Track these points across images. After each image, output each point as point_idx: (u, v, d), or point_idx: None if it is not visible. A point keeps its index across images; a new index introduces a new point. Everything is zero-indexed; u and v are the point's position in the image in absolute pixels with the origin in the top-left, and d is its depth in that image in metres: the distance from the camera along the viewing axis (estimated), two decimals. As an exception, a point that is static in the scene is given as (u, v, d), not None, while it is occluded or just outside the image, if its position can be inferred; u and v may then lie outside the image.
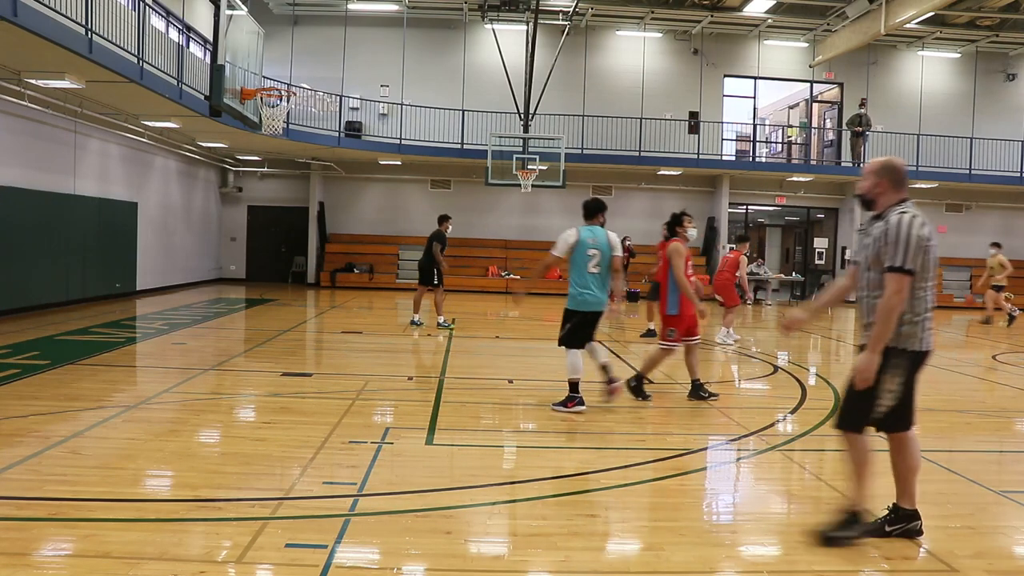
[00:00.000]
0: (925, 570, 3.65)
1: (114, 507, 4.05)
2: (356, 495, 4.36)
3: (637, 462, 5.23)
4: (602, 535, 4.00)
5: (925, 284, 3.69)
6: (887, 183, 3.82)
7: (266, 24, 15.30)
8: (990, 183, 22.14)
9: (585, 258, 6.61)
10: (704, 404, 7.24)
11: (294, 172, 22.32)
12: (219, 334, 11.54)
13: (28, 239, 12.36)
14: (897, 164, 3.86)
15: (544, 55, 20.25)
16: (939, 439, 6.41)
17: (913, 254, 3.61)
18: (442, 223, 12.79)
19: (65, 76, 10.54)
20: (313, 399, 6.95)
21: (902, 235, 3.62)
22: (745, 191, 23.11)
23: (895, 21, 17.79)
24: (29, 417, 5.79)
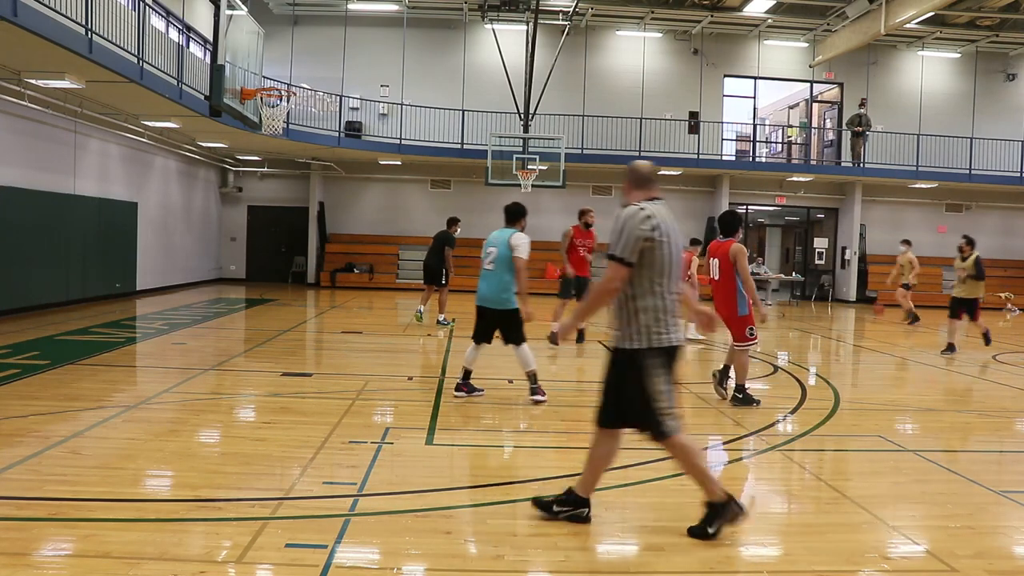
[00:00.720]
0: (925, 570, 3.65)
1: (114, 507, 4.05)
2: (356, 495, 4.36)
3: (637, 462, 5.23)
4: (602, 535, 3.99)
5: (660, 280, 3.75)
6: (629, 184, 3.97)
7: (266, 24, 15.30)
8: (990, 183, 22.13)
9: (484, 255, 7.05)
10: (703, 404, 7.23)
11: (294, 172, 22.32)
12: (219, 334, 11.54)
13: (28, 239, 12.37)
14: (638, 166, 3.98)
15: (544, 55, 20.25)
16: (939, 439, 6.42)
17: (631, 246, 3.68)
18: (451, 226, 13.01)
19: (65, 76, 10.54)
20: (313, 399, 6.95)
21: (620, 227, 3.73)
22: (745, 191, 23.10)
23: (895, 21, 17.79)
24: (29, 417, 5.79)
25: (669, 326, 3.77)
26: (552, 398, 7.12)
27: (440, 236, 12.82)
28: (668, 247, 3.74)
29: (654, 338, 3.74)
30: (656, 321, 3.75)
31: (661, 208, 3.82)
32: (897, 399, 8.13)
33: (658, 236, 3.70)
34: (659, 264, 3.73)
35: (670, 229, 3.78)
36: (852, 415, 7.04)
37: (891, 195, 23.23)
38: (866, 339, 14.31)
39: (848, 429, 6.51)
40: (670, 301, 3.79)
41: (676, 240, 3.82)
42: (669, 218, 3.82)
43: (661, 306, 3.76)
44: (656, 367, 3.74)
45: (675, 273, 3.82)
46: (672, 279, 3.80)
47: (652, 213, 3.72)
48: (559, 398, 7.42)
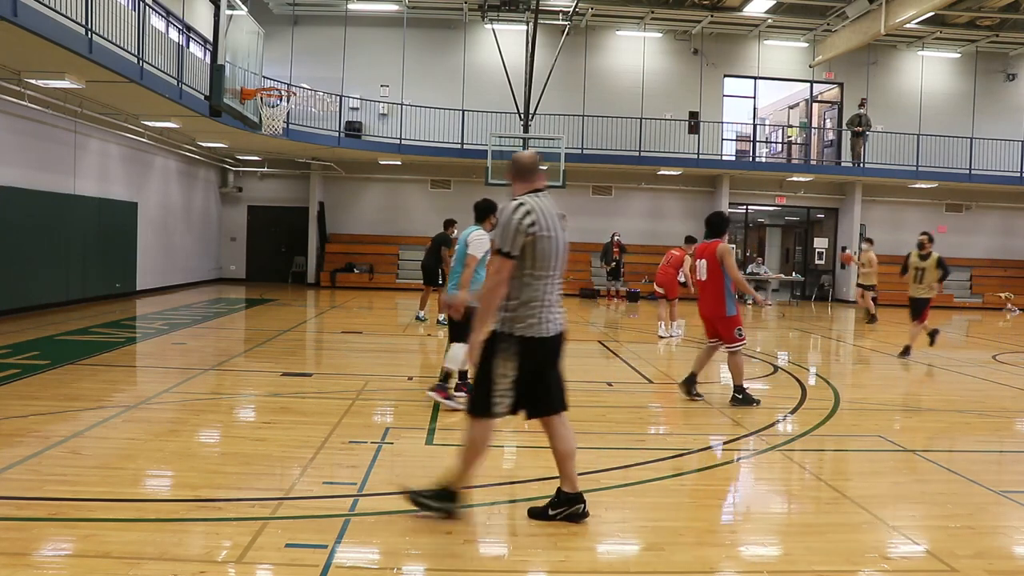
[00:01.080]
0: (925, 570, 3.65)
1: (114, 507, 4.05)
2: (356, 495, 4.36)
3: (637, 462, 5.23)
4: (602, 535, 3.99)
5: (541, 273, 3.82)
6: (511, 175, 4.03)
7: (266, 24, 15.32)
8: (990, 183, 22.13)
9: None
10: (703, 404, 7.23)
11: (294, 172, 22.32)
12: (219, 334, 11.54)
13: (28, 239, 12.37)
14: (519, 158, 4.04)
15: (544, 55, 20.26)
16: (939, 439, 6.41)
17: (512, 239, 3.75)
18: (448, 227, 13.10)
19: (65, 76, 10.54)
20: (313, 399, 6.95)
21: (503, 221, 3.82)
22: (745, 191, 23.11)
23: (895, 21, 17.80)
24: (29, 417, 5.79)
25: (541, 318, 3.83)
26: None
27: (437, 238, 13.03)
28: (550, 240, 3.82)
29: (518, 327, 3.81)
30: (528, 311, 3.81)
31: (542, 201, 3.90)
32: (897, 399, 8.13)
33: (537, 230, 3.78)
34: (539, 257, 3.80)
35: (554, 222, 3.87)
36: (852, 415, 7.04)
37: (891, 195, 23.23)
38: (866, 339, 14.31)
39: (848, 429, 6.51)
40: (548, 293, 3.86)
41: (557, 233, 3.88)
42: (551, 210, 3.90)
43: (537, 297, 3.83)
44: (509, 353, 3.81)
45: (555, 265, 3.88)
46: (552, 271, 3.87)
47: (531, 208, 3.80)
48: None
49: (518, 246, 3.76)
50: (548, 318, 3.85)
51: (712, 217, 7.53)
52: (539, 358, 3.87)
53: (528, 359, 3.83)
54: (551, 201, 3.96)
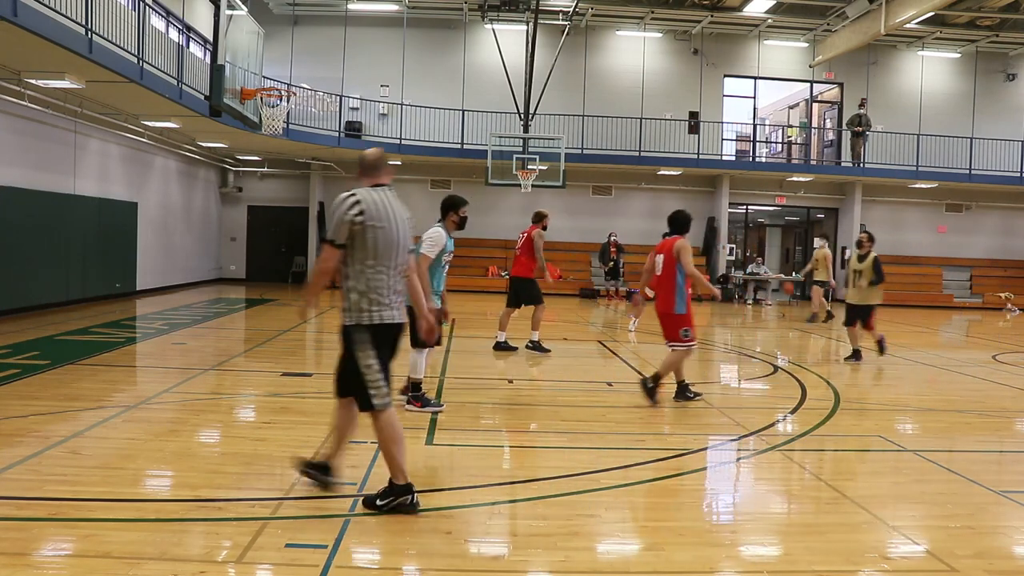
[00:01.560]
0: (925, 570, 3.65)
1: (114, 507, 4.05)
2: (356, 495, 4.36)
3: (637, 462, 5.23)
4: (602, 535, 4.00)
5: (373, 263, 3.96)
6: (359, 172, 4.20)
7: (266, 24, 15.31)
8: (990, 183, 22.14)
9: None
10: (703, 404, 7.23)
11: (294, 172, 22.32)
12: (219, 334, 11.54)
13: (28, 239, 12.37)
14: (364, 155, 4.21)
15: (544, 55, 20.25)
16: (939, 439, 6.41)
17: (337, 228, 3.92)
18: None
19: (65, 76, 10.54)
20: (313, 399, 6.94)
21: (332, 211, 4.00)
22: (745, 191, 23.11)
23: (895, 21, 17.79)
24: (29, 417, 5.79)
25: (381, 305, 3.99)
26: (552, 398, 7.12)
27: None
28: (384, 232, 3.96)
29: (364, 316, 3.96)
30: (367, 301, 3.97)
31: (381, 194, 4.05)
32: (897, 399, 8.13)
33: (367, 220, 3.92)
34: (370, 247, 3.94)
35: (388, 214, 4.00)
36: (852, 415, 7.04)
37: (891, 195, 23.23)
38: (866, 339, 14.30)
39: (848, 429, 6.51)
40: (384, 282, 4.00)
41: (395, 225, 4.03)
42: (392, 204, 4.05)
43: (373, 286, 3.97)
44: (364, 343, 3.96)
45: (391, 255, 4.02)
46: (388, 261, 4.01)
47: (361, 199, 3.94)
48: (559, 398, 7.42)
49: (343, 235, 3.92)
50: (388, 306, 4.03)
51: (676, 214, 7.35)
52: (386, 344, 4.05)
53: (381, 345, 4.02)
54: (393, 196, 4.13)
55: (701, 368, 10.07)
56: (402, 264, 4.12)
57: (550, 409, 6.83)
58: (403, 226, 4.10)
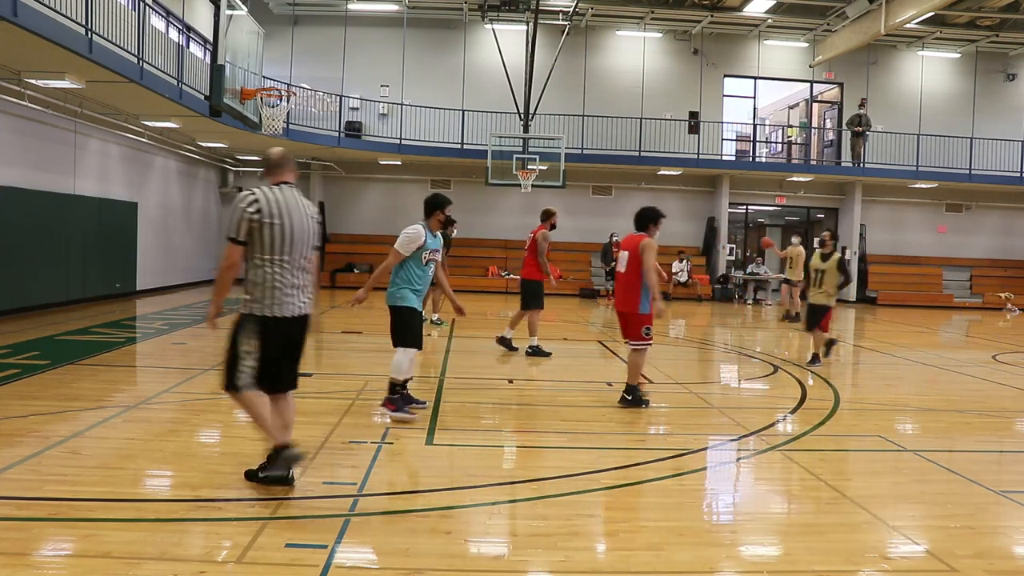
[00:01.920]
0: (925, 570, 3.65)
1: (114, 507, 4.05)
2: (356, 495, 4.36)
3: (637, 462, 5.23)
4: (602, 535, 4.00)
5: (271, 257, 4.16)
6: (264, 170, 4.41)
7: (266, 24, 15.31)
8: (990, 183, 22.14)
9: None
10: (703, 404, 7.23)
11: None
12: (219, 334, 11.50)
13: (28, 239, 12.37)
14: (268, 153, 4.40)
15: (544, 55, 20.25)
16: (939, 439, 6.42)
17: (235, 225, 4.14)
18: (448, 226, 13.01)
19: (65, 76, 10.54)
20: (313, 399, 6.94)
21: (231, 207, 4.19)
22: (745, 191, 23.11)
23: (895, 21, 17.80)
24: (29, 417, 5.79)
25: (275, 298, 4.18)
26: (552, 398, 7.12)
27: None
28: (280, 227, 4.15)
29: (254, 307, 4.19)
30: (261, 293, 4.18)
31: (279, 192, 4.23)
32: (897, 399, 8.13)
33: (264, 217, 4.11)
34: (267, 242, 4.14)
35: (287, 211, 4.18)
36: (852, 415, 7.04)
37: (891, 195, 23.24)
38: (866, 339, 14.31)
39: (848, 429, 6.51)
40: (282, 276, 4.19)
41: (293, 221, 4.20)
42: (291, 201, 4.22)
43: (268, 280, 4.17)
44: (250, 332, 4.20)
45: (288, 251, 4.19)
46: (285, 256, 4.18)
47: (258, 197, 4.15)
48: (559, 398, 7.42)
49: (243, 231, 4.14)
50: (283, 300, 4.19)
51: (643, 210, 7.16)
52: (280, 337, 4.24)
53: (267, 337, 4.20)
54: (295, 193, 4.31)
55: (701, 368, 10.08)
56: (303, 260, 4.30)
57: (550, 409, 6.83)
58: (304, 223, 4.26)
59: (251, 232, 4.14)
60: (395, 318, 6.28)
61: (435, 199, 6.41)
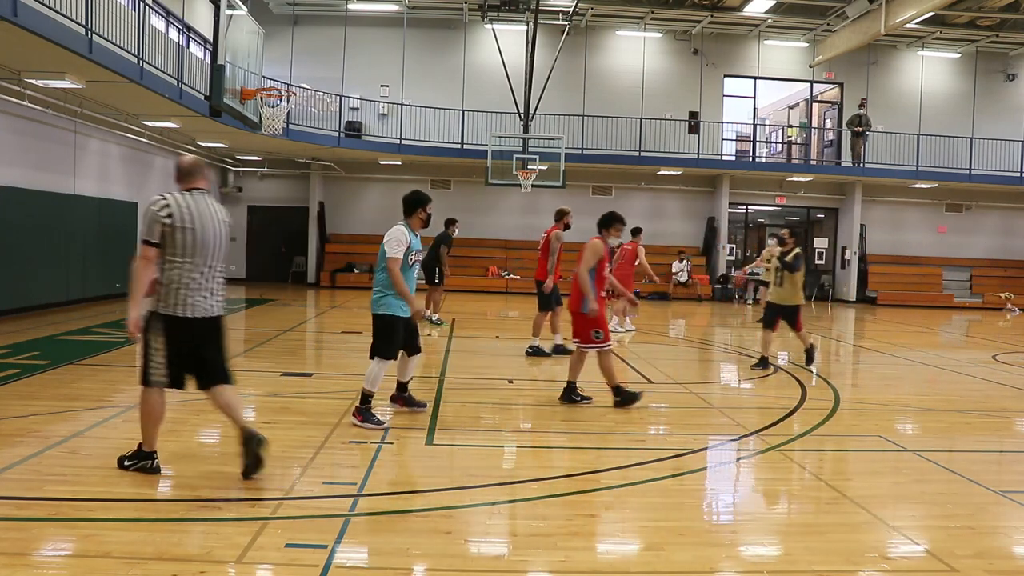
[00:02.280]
0: (925, 570, 3.65)
1: (114, 507, 4.05)
2: (356, 495, 4.36)
3: (637, 462, 5.23)
4: (602, 535, 4.00)
5: (182, 260, 4.36)
6: (175, 177, 4.60)
7: (266, 24, 15.31)
8: (990, 183, 22.14)
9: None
10: (703, 404, 7.23)
11: (294, 172, 22.32)
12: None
13: (28, 239, 12.36)
14: (178, 162, 4.63)
15: (544, 55, 20.25)
16: (939, 439, 6.42)
17: (148, 228, 4.33)
18: (449, 226, 13.09)
19: (65, 76, 10.54)
20: (313, 399, 6.95)
21: (144, 211, 4.40)
22: (745, 191, 23.11)
23: (895, 21, 17.79)
24: (29, 417, 5.79)
25: (185, 300, 4.38)
26: (552, 398, 7.11)
27: (438, 237, 12.99)
28: (191, 232, 4.36)
29: (161, 306, 4.38)
30: (171, 294, 4.37)
31: (190, 198, 4.44)
32: (897, 399, 8.13)
33: (175, 221, 4.32)
34: (177, 245, 4.34)
35: (198, 216, 4.40)
36: (852, 415, 7.04)
37: (891, 195, 23.24)
38: (866, 339, 14.31)
39: (848, 429, 6.51)
40: (189, 278, 4.38)
41: (205, 226, 4.42)
42: (202, 207, 4.44)
43: (178, 281, 4.36)
44: (158, 329, 4.39)
45: (198, 255, 4.39)
46: (195, 260, 4.39)
47: (169, 202, 4.35)
48: (559, 398, 7.41)
49: (155, 234, 4.33)
50: (192, 301, 4.39)
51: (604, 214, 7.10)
52: (187, 336, 4.42)
53: (175, 336, 4.39)
54: (208, 200, 4.53)
55: (702, 368, 10.07)
56: (215, 263, 4.50)
57: (550, 409, 6.82)
58: (215, 228, 4.49)
59: (163, 236, 4.33)
60: (378, 326, 5.98)
61: (416, 196, 6.12)
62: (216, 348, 4.60)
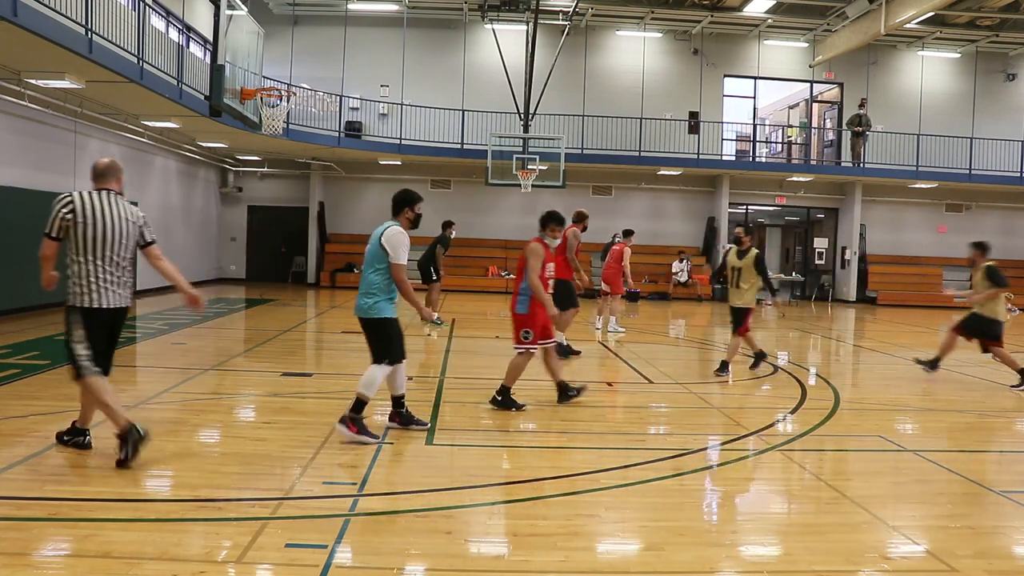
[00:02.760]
0: (925, 570, 3.65)
1: (114, 507, 4.05)
2: (356, 495, 4.36)
3: (637, 462, 5.23)
4: (602, 535, 4.00)
5: (83, 254, 4.63)
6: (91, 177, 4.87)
7: (266, 24, 15.31)
8: (990, 183, 22.13)
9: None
10: (703, 404, 7.23)
11: (294, 172, 22.31)
12: (219, 334, 11.54)
13: (28, 239, 12.29)
14: (95, 163, 4.91)
15: (544, 55, 20.25)
16: (939, 439, 6.42)
17: (51, 223, 4.61)
18: (447, 228, 13.19)
19: (65, 76, 10.54)
20: (313, 399, 6.95)
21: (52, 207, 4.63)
22: (745, 191, 23.11)
23: (895, 21, 17.79)
24: (29, 417, 5.80)
25: (91, 291, 4.65)
26: (552, 398, 7.11)
27: (437, 238, 13.18)
28: (91, 228, 4.63)
29: (73, 298, 4.66)
30: (77, 286, 4.65)
31: (99, 197, 4.73)
32: (897, 399, 8.13)
33: (77, 218, 4.60)
34: (79, 241, 4.62)
35: (101, 214, 4.67)
36: (852, 415, 7.04)
37: (891, 195, 23.23)
38: (866, 339, 14.31)
39: (848, 429, 6.51)
40: (94, 272, 4.65)
41: (107, 223, 4.68)
42: (106, 206, 4.71)
43: (83, 274, 4.64)
44: (74, 321, 4.67)
45: (101, 250, 4.66)
46: (99, 254, 4.66)
47: (74, 199, 4.65)
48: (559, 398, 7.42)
49: (56, 229, 4.61)
50: (103, 293, 4.68)
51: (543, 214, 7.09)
52: (97, 326, 4.71)
53: (91, 325, 4.68)
54: (115, 199, 4.80)
55: (702, 368, 10.07)
56: (119, 258, 4.77)
57: (550, 409, 6.82)
58: (120, 226, 4.75)
59: (66, 231, 4.62)
60: (375, 331, 5.65)
61: (408, 195, 5.90)
62: (115, 338, 4.96)
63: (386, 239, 5.70)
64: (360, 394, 5.49)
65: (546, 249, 6.92)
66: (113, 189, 4.88)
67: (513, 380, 6.72)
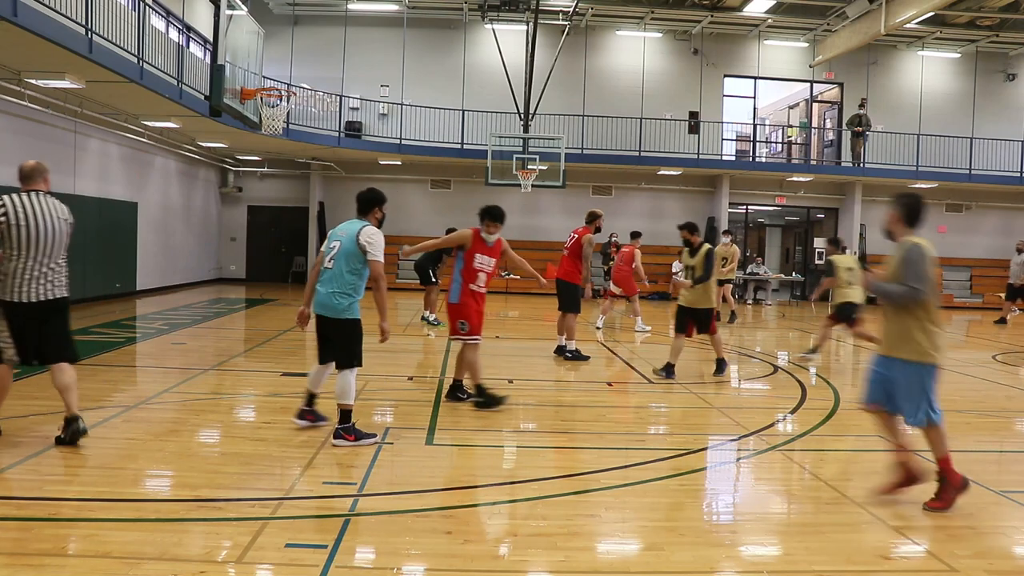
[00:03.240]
0: (925, 570, 3.65)
1: (114, 507, 4.05)
2: (356, 495, 4.36)
3: (637, 462, 5.23)
4: (602, 535, 4.00)
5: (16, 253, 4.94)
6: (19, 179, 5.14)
7: (266, 24, 15.31)
8: (990, 183, 22.13)
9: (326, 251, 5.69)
10: (703, 404, 7.23)
11: (294, 172, 22.31)
12: (219, 334, 11.54)
13: (28, 239, 12.34)
14: (21, 166, 5.14)
15: (544, 55, 20.25)
16: (939, 439, 6.40)
17: None
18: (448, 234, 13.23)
19: (65, 76, 10.54)
20: (313, 399, 6.93)
21: None
22: (745, 191, 23.10)
23: (895, 21, 17.80)
24: (29, 417, 5.80)
25: (15, 286, 4.96)
26: (552, 398, 7.12)
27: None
28: (24, 229, 4.94)
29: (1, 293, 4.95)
30: (6, 282, 4.94)
31: (29, 199, 5.01)
32: (897, 399, 8.11)
33: (10, 220, 4.89)
34: (13, 241, 4.92)
35: (33, 215, 4.99)
36: (852, 415, 7.04)
37: (891, 195, 23.05)
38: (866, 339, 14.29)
39: (848, 429, 6.51)
40: (25, 269, 4.98)
41: (39, 224, 5.01)
42: (37, 207, 5.02)
43: (14, 272, 4.95)
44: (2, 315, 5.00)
45: (32, 249, 4.98)
46: (29, 252, 4.98)
47: (6, 203, 4.91)
48: (558, 398, 7.42)
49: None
50: (27, 288, 4.99)
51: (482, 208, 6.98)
52: (19, 318, 5.00)
53: (9, 317, 4.99)
54: (45, 200, 5.11)
55: (702, 368, 10.07)
56: (53, 256, 5.15)
57: (550, 409, 6.82)
58: (51, 225, 5.10)
59: (2, 234, 4.91)
60: (349, 332, 5.59)
61: (373, 193, 5.76)
62: (57, 327, 5.26)
63: (365, 238, 5.54)
64: (341, 405, 5.41)
65: (480, 241, 6.76)
66: (41, 189, 5.15)
67: (478, 374, 6.66)
